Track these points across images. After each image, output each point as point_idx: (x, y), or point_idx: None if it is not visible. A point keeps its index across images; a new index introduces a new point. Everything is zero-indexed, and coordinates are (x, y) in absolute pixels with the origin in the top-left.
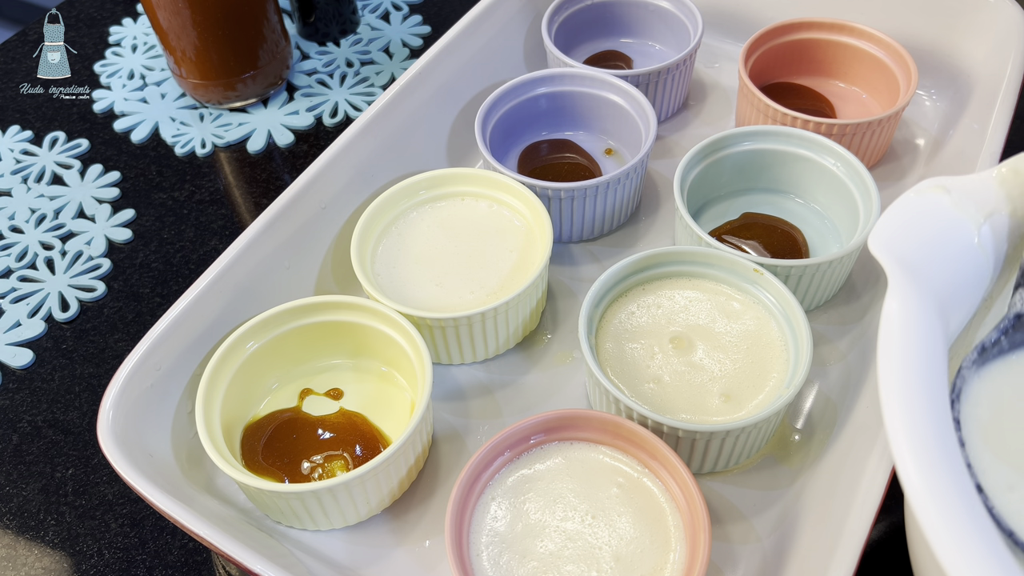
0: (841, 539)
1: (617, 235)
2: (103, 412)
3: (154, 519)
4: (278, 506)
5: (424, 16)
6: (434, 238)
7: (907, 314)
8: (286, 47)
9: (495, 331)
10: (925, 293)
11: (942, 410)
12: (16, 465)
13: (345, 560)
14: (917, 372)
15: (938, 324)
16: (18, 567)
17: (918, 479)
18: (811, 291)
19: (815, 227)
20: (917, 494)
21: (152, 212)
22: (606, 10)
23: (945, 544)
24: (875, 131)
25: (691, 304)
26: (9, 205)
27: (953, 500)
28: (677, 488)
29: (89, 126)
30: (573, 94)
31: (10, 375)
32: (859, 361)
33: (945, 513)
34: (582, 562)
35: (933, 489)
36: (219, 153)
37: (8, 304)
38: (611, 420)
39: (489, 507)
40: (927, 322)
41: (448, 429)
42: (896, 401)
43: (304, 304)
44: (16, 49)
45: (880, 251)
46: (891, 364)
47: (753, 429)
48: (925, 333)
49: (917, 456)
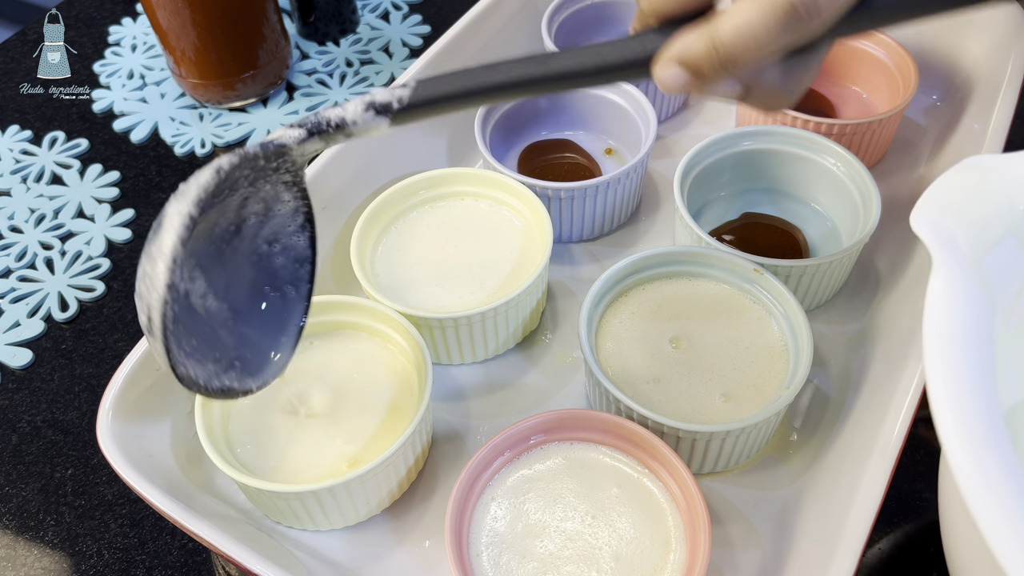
0: (841, 539)
1: (617, 235)
2: (103, 412)
3: (154, 519)
4: (278, 506)
5: (424, 16)
6: (434, 238)
7: (952, 293)
8: (286, 47)
9: (495, 331)
10: (970, 272)
11: (990, 391)
12: (16, 465)
13: (345, 560)
14: (964, 352)
15: (984, 303)
16: (18, 567)
17: (965, 460)
18: (811, 291)
19: (815, 227)
20: (964, 475)
21: (152, 212)
22: (606, 10)
23: (995, 526)
24: (875, 131)
25: (691, 304)
26: (8, 205)
27: (1001, 482)
28: (677, 488)
29: (89, 126)
30: (573, 94)
31: (9, 375)
32: (859, 361)
33: (993, 494)
34: (582, 562)
35: (981, 471)
36: (219, 153)
37: (7, 304)
38: (611, 420)
39: (489, 507)
40: (973, 300)
41: (448, 429)
42: (942, 384)
43: None
44: (16, 49)
45: (923, 229)
46: (937, 344)
47: (753, 429)
48: (972, 312)
49: (963, 438)
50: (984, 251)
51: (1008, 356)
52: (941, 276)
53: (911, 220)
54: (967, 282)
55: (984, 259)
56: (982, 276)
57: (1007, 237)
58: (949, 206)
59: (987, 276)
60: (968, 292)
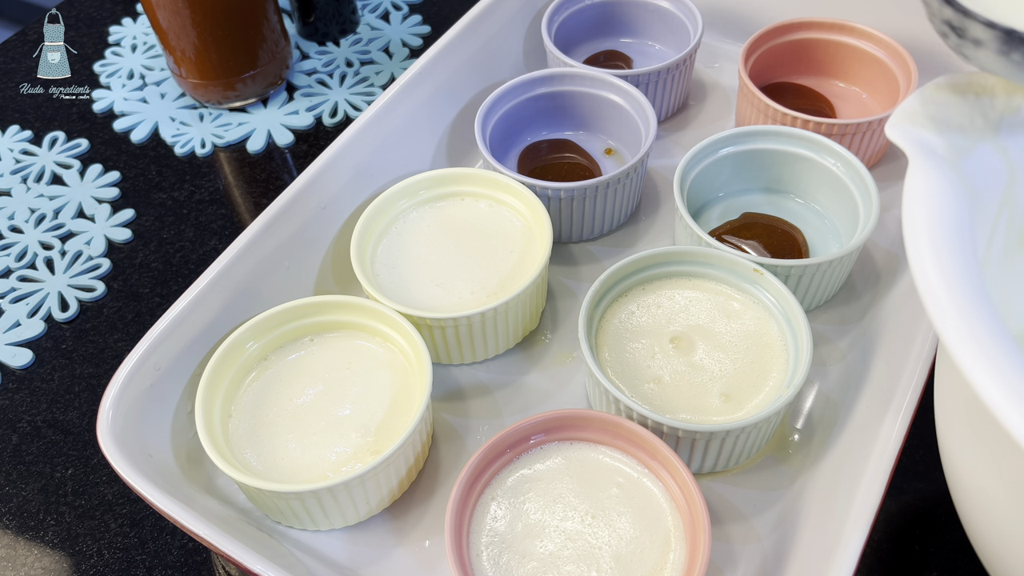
0: (841, 539)
1: (617, 235)
2: (103, 412)
3: (154, 519)
4: (278, 506)
5: (424, 16)
6: (434, 238)
7: (932, 185)
8: (286, 47)
9: (495, 331)
10: (948, 170)
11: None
12: (16, 465)
13: (345, 560)
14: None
15: (964, 197)
16: (18, 567)
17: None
18: (811, 291)
19: (815, 227)
20: (955, 342)
21: (152, 212)
22: (606, 10)
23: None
24: (875, 131)
25: (691, 304)
26: (9, 205)
27: (995, 349)
28: (677, 488)
29: (89, 126)
30: (573, 94)
31: (10, 375)
32: (859, 361)
33: (990, 361)
34: (582, 562)
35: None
36: (219, 153)
37: (8, 304)
38: (611, 420)
39: (489, 507)
40: (953, 192)
41: (448, 429)
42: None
43: (304, 304)
44: (16, 49)
45: (897, 136)
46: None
47: (753, 429)
48: (952, 202)
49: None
50: (960, 155)
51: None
52: (919, 169)
53: (886, 129)
54: (945, 176)
55: (960, 162)
56: (960, 176)
57: (980, 143)
58: (924, 116)
59: (965, 177)
60: (947, 184)
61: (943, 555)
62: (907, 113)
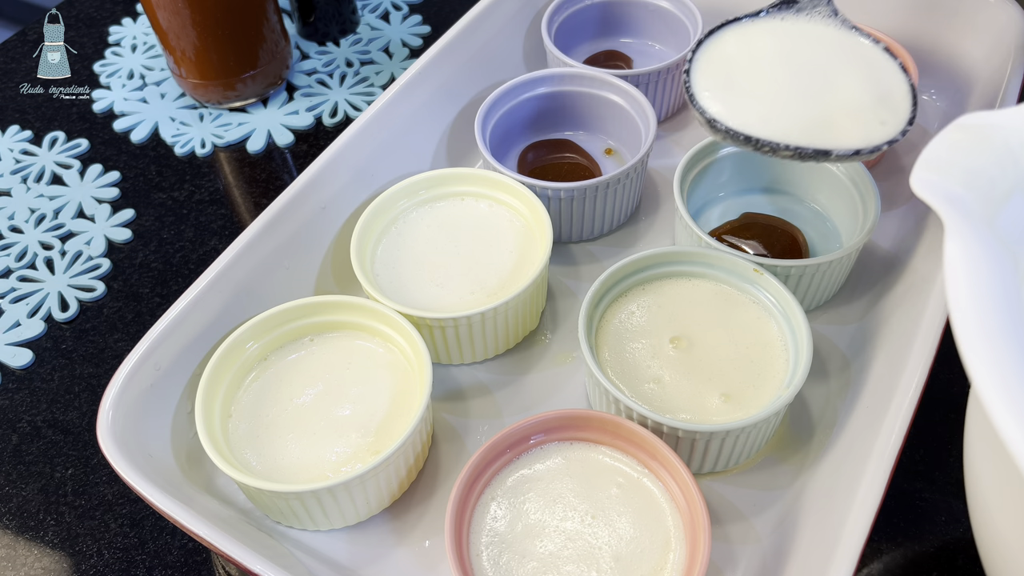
0: (841, 539)
1: (617, 235)
2: (103, 412)
3: (154, 519)
4: (278, 506)
5: (424, 16)
6: (434, 238)
7: (971, 255)
8: (286, 47)
9: (495, 331)
10: (984, 232)
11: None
12: (16, 465)
13: (345, 560)
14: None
15: (1007, 261)
16: (18, 567)
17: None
18: (811, 291)
19: (815, 227)
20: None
21: (152, 212)
22: (606, 10)
23: None
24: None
25: (691, 304)
26: (9, 205)
27: None
28: (677, 488)
29: (89, 126)
30: (573, 94)
31: (10, 375)
32: (859, 361)
33: None
34: (582, 562)
35: None
36: (219, 153)
37: (8, 304)
38: (611, 420)
39: (489, 507)
40: (995, 260)
41: (448, 429)
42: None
43: (304, 304)
44: (16, 49)
45: (925, 191)
46: (965, 311)
47: (753, 429)
48: (995, 272)
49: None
50: (996, 210)
51: None
52: (956, 239)
53: (911, 182)
54: (984, 242)
55: (996, 218)
56: (997, 235)
57: (1015, 193)
58: (951, 166)
59: (1003, 235)
60: (988, 252)
61: (943, 555)
62: (934, 163)
